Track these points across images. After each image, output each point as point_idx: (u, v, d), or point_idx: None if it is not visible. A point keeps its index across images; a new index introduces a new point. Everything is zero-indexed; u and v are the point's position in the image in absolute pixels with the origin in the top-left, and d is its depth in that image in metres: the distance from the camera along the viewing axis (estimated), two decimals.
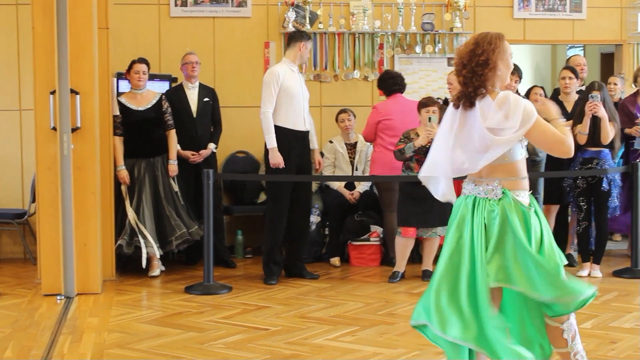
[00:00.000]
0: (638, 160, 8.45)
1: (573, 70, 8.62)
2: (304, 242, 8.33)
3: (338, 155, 9.06)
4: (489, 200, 4.24)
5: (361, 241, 8.81)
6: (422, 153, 7.85)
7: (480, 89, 4.17)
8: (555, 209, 8.65)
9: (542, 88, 9.37)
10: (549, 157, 8.79)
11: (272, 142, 7.81)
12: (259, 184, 9.41)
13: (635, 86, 8.90)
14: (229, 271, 8.54)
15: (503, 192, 4.23)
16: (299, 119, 7.96)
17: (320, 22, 9.71)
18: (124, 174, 8.17)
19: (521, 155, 4.28)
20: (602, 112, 7.78)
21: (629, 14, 10.24)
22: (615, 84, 8.97)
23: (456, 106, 4.26)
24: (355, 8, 9.74)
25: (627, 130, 8.58)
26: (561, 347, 4.32)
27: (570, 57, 9.49)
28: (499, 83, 4.24)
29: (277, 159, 7.78)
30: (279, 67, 7.95)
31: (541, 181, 9.31)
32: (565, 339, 4.29)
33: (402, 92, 8.77)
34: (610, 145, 8.02)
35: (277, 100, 7.81)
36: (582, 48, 13.02)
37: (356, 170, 9.08)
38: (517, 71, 7.99)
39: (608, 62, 11.13)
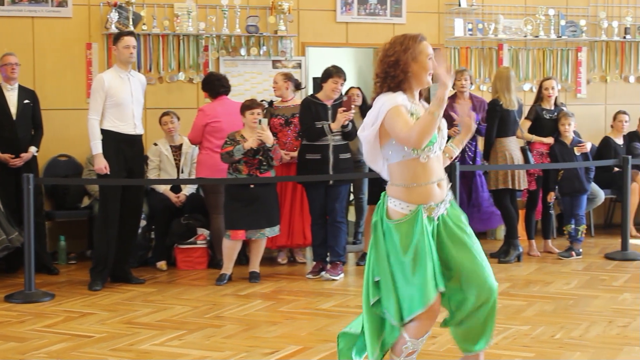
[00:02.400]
0: (457, 161, 8.75)
1: None
2: (131, 247, 8.21)
3: (163, 158, 8.97)
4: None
5: (188, 244, 8.75)
6: (250, 155, 7.89)
7: (398, 90, 4.17)
8: None
9: (359, 89, 9.60)
10: None
11: (97, 148, 7.70)
12: (82, 188, 9.20)
13: (453, 89, 9.20)
14: (51, 278, 8.30)
15: (382, 196, 4.34)
16: (129, 124, 7.86)
17: (143, 24, 9.59)
18: None
19: (403, 157, 4.19)
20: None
21: (446, 19, 10.60)
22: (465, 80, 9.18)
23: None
24: (180, 10, 9.67)
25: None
26: (395, 355, 4.36)
27: None
28: (415, 85, 4.22)
29: (101, 165, 7.67)
30: (105, 74, 7.85)
31: (365, 181, 9.53)
32: (402, 351, 4.32)
33: (227, 94, 8.79)
34: None
35: (104, 106, 7.70)
36: None
37: (182, 172, 9.01)
38: (341, 73, 8.12)
39: None
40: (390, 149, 4.21)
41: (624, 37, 11.16)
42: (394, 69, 4.17)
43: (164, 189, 8.91)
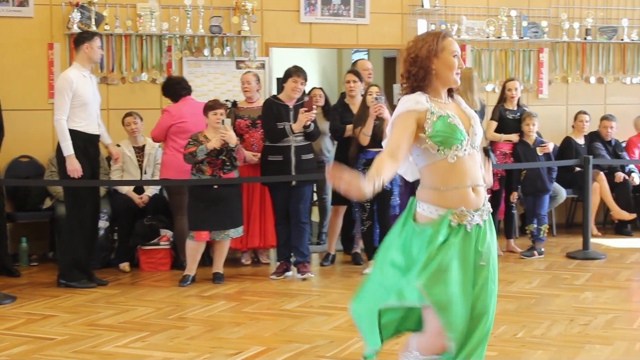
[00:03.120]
0: None
1: (357, 74, 8.88)
2: (94, 248, 8.15)
3: (126, 159, 8.91)
4: None
5: (151, 245, 8.70)
6: (214, 155, 7.87)
7: (423, 89, 3.97)
8: (342, 209, 8.87)
9: (322, 89, 9.62)
10: (335, 157, 9.02)
11: (69, 150, 7.62)
12: (44, 190, 9.11)
13: None
14: (12, 280, 8.22)
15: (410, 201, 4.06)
16: (93, 123, 7.82)
17: (106, 24, 9.52)
18: None
19: (430, 160, 3.92)
20: (386, 114, 8.04)
21: (409, 20, 10.63)
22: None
23: None
24: (142, 10, 9.62)
25: None
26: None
27: (356, 61, 9.73)
28: (439, 83, 3.99)
29: (75, 166, 7.61)
30: (71, 73, 7.73)
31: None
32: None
33: (190, 95, 8.76)
34: None
35: (71, 106, 7.61)
36: (366, 52, 13.42)
37: (145, 173, 8.97)
38: (301, 73, 8.12)
39: (391, 66, 11.52)
40: (416, 152, 3.98)
41: (585, 38, 11.27)
42: (414, 66, 3.97)
43: (127, 189, 8.85)
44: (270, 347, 5.78)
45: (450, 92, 4.09)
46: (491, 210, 4.07)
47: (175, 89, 8.69)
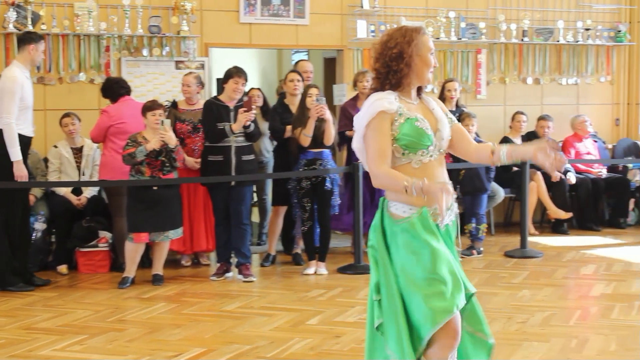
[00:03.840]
0: (360, 161, 8.81)
1: (299, 73, 8.89)
2: (27, 250, 8.04)
3: (64, 160, 8.81)
4: None
5: (89, 247, 8.62)
6: (153, 157, 7.82)
7: (398, 86, 3.86)
8: (283, 210, 8.87)
9: (260, 89, 9.61)
10: (275, 158, 9.02)
11: (17, 155, 7.53)
12: None
13: (356, 90, 9.27)
14: None
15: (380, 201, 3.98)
16: (31, 126, 7.77)
17: (43, 23, 9.39)
18: None
19: (395, 163, 3.84)
20: (328, 115, 8.07)
21: (348, 21, 10.67)
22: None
23: None
24: (80, 9, 9.51)
25: (347, 133, 8.92)
26: None
27: (297, 62, 9.71)
28: (414, 81, 3.91)
29: (23, 172, 7.54)
30: (16, 74, 7.59)
31: (269, 183, 9.54)
32: None
33: (129, 94, 8.69)
34: (332, 146, 8.35)
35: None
36: (306, 53, 13.43)
37: (83, 175, 8.87)
38: (242, 74, 8.10)
39: (331, 67, 11.55)
40: None
41: (522, 40, 11.41)
42: (397, 62, 3.84)
43: (65, 191, 8.75)
44: (210, 348, 5.76)
45: (419, 91, 4.01)
46: (458, 211, 4.04)
47: (114, 89, 8.61)
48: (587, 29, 11.69)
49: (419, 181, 3.65)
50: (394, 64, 3.85)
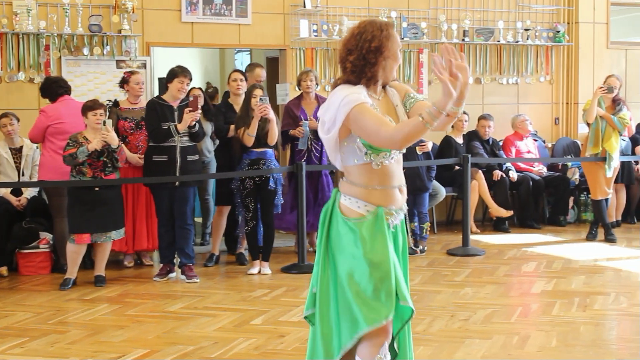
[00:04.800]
0: (303, 161, 8.83)
1: (243, 73, 8.88)
2: None
3: (3, 161, 8.68)
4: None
5: (30, 249, 8.50)
6: (94, 157, 7.74)
7: (374, 80, 3.79)
8: (226, 209, 8.85)
9: (201, 89, 9.58)
10: (217, 157, 8.99)
11: None
12: None
13: (299, 89, 9.27)
14: None
15: (333, 192, 3.91)
16: None
17: None
18: None
19: (356, 161, 3.81)
20: (271, 115, 8.06)
21: (291, 20, 10.67)
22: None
23: None
24: (19, 7, 9.37)
25: (291, 132, 8.93)
26: None
27: (253, 68, 9.36)
28: (383, 77, 3.86)
29: None
30: None
31: (211, 183, 9.51)
32: None
33: (69, 94, 8.58)
34: (275, 146, 8.35)
35: None
36: (249, 52, 13.41)
37: (23, 175, 8.75)
38: (187, 73, 8.05)
39: (273, 66, 11.54)
40: (344, 150, 3.82)
41: (463, 40, 11.52)
42: (375, 55, 3.76)
43: (4, 192, 8.63)
44: (153, 349, 5.73)
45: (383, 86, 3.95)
46: (406, 210, 4.05)
47: (53, 88, 8.50)
48: (527, 30, 11.86)
49: (432, 107, 3.52)
50: (371, 57, 3.77)
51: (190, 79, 8.13)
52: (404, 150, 3.87)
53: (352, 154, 3.81)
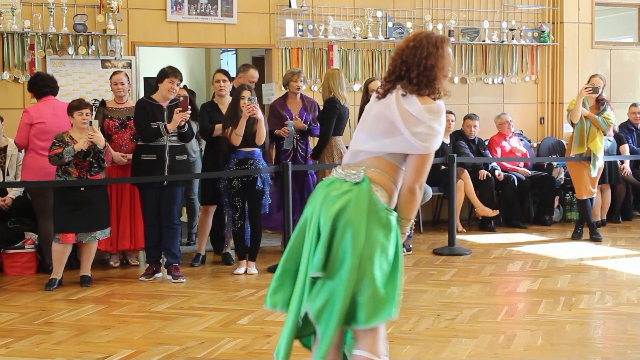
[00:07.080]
0: (289, 160, 8.83)
1: (226, 73, 8.86)
2: None
3: None
4: (345, 181, 3.88)
5: (15, 249, 8.47)
6: (81, 157, 7.71)
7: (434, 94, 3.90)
8: (212, 209, 8.83)
9: (186, 87, 9.55)
10: (204, 157, 8.98)
11: None
12: None
13: (286, 89, 9.26)
14: None
15: (363, 179, 3.86)
16: None
17: None
18: None
19: (403, 165, 3.96)
20: (259, 114, 8.05)
21: (277, 20, 10.67)
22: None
23: (382, 97, 3.98)
24: (3, 7, 9.34)
25: (276, 132, 8.92)
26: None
27: (246, 70, 9.39)
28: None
29: None
30: None
31: (196, 182, 9.49)
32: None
33: (54, 95, 8.55)
34: (262, 145, 8.33)
35: None
36: (234, 52, 13.39)
37: (7, 175, 8.72)
38: (177, 74, 8.04)
39: (259, 66, 11.51)
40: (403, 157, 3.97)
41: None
42: (433, 71, 3.90)
43: None
44: (139, 349, 5.71)
45: None
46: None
47: (39, 85, 8.45)
48: (512, 29, 11.89)
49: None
50: (429, 73, 3.89)
51: (181, 80, 8.14)
52: None
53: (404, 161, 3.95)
